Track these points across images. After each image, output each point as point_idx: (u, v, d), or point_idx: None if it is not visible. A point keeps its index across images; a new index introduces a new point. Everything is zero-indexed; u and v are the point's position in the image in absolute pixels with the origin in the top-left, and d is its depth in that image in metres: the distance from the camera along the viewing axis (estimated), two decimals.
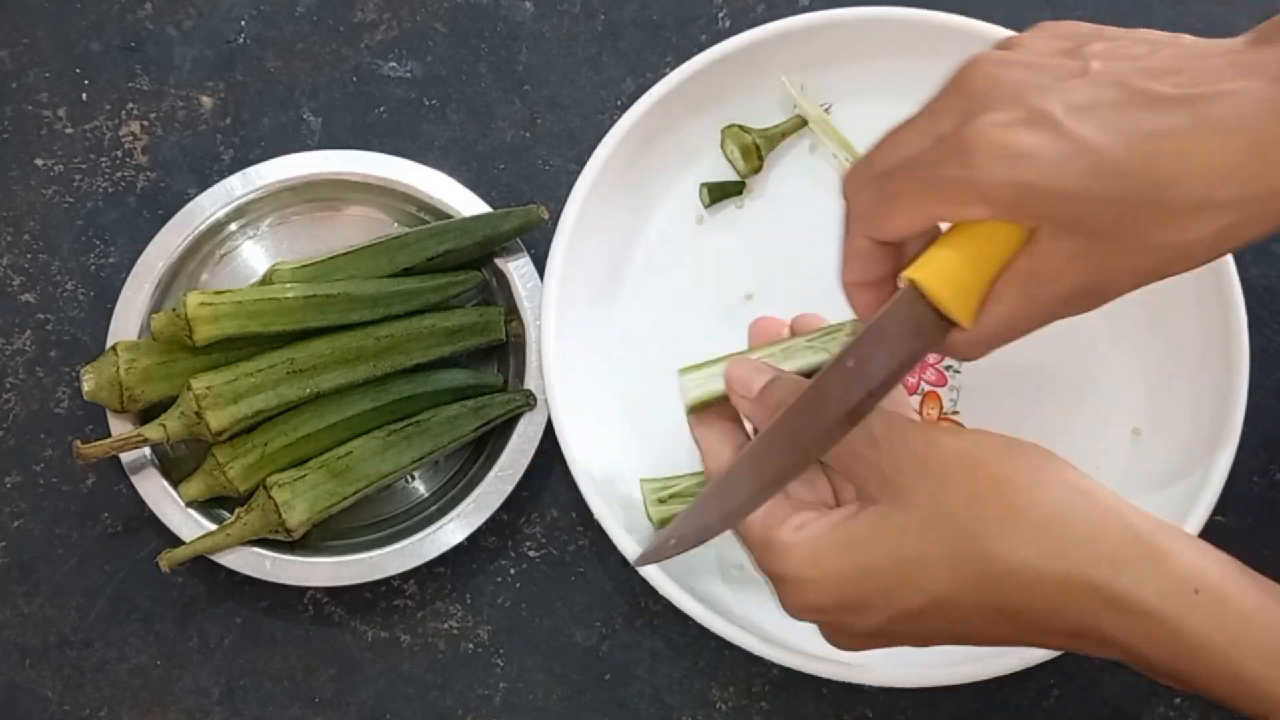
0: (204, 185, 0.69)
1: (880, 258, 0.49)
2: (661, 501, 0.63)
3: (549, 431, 0.64)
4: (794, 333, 0.57)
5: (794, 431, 0.49)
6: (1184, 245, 0.45)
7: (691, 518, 0.51)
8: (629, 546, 0.61)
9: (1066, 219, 0.44)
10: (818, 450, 0.49)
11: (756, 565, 0.51)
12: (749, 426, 0.55)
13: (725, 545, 0.65)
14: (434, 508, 0.66)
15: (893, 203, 0.47)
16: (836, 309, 0.68)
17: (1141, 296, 0.67)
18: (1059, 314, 0.48)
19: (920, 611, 0.47)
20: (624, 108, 0.68)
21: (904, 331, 0.48)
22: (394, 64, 0.73)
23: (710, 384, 0.61)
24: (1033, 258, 0.46)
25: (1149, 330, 0.68)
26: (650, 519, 0.63)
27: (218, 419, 0.62)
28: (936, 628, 0.48)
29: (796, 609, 0.50)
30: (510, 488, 0.64)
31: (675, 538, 0.51)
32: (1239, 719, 0.51)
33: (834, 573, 0.47)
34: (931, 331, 0.48)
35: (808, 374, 0.54)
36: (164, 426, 0.62)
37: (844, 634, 0.50)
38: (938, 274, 0.47)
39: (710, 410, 0.55)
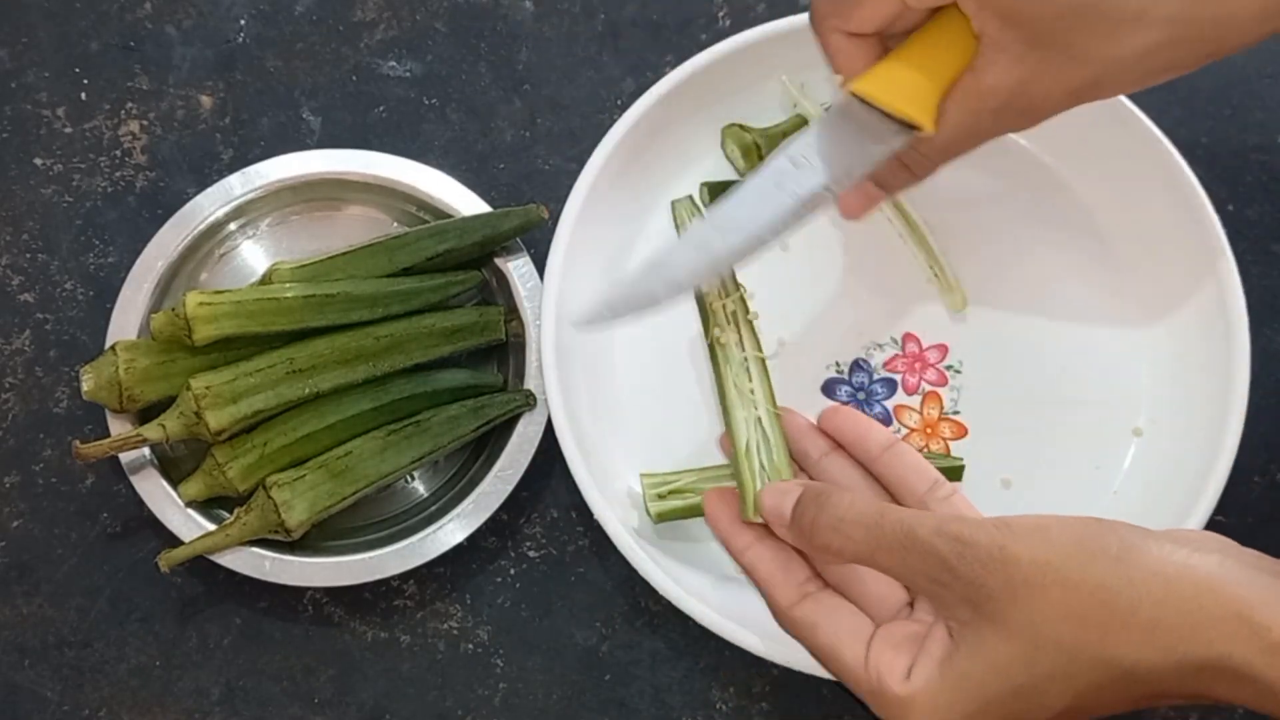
0: (203, 185, 0.69)
1: (863, 52, 0.54)
2: (661, 497, 0.63)
3: (549, 431, 0.64)
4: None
5: (743, 220, 0.54)
6: (1115, 59, 0.49)
7: (636, 284, 0.54)
8: (629, 546, 0.61)
9: (1010, 13, 0.49)
10: (770, 236, 0.54)
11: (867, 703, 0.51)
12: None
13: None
14: (434, 508, 0.66)
15: None
16: (836, 306, 0.69)
17: (1142, 296, 0.68)
18: (993, 128, 0.53)
19: None
20: (624, 108, 0.68)
21: (851, 136, 0.53)
22: (394, 63, 0.73)
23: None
24: (974, 70, 0.51)
25: (1149, 331, 0.68)
26: (649, 514, 0.63)
27: (217, 419, 0.62)
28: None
29: None
30: (510, 488, 0.64)
31: (609, 306, 0.54)
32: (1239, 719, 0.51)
33: (961, 715, 0.47)
34: (885, 136, 0.53)
35: None
36: (163, 426, 0.62)
37: None
38: (883, 83, 0.53)
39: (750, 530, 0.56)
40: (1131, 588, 0.45)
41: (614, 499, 0.63)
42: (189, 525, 0.63)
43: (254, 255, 0.70)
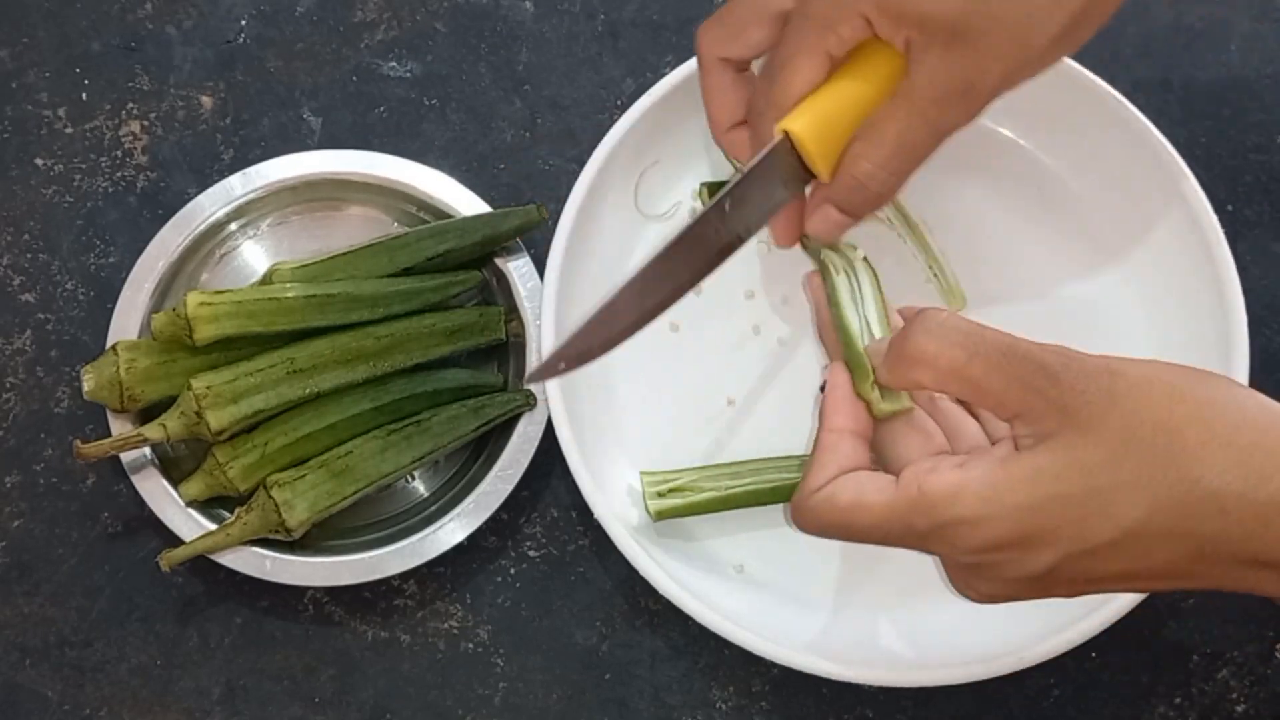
0: (204, 185, 0.69)
1: (741, 87, 0.56)
2: (660, 495, 0.63)
3: (549, 431, 0.64)
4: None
5: (671, 266, 0.52)
6: (1031, 45, 0.51)
7: (575, 342, 0.52)
8: (629, 546, 0.61)
9: (925, 18, 0.50)
10: (691, 283, 0.53)
11: (899, 537, 0.48)
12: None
13: (725, 545, 0.65)
14: (434, 508, 0.66)
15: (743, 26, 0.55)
16: None
17: (1141, 296, 0.68)
18: (938, 120, 0.52)
19: (1104, 545, 0.45)
20: (624, 108, 0.68)
21: (774, 181, 0.54)
22: (394, 64, 0.73)
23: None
24: (908, 77, 0.51)
25: (1148, 331, 0.68)
26: (649, 512, 0.63)
27: (218, 419, 0.62)
28: (1108, 568, 0.46)
29: (970, 549, 0.46)
30: (510, 488, 0.64)
31: (562, 360, 0.52)
32: None
33: (1019, 505, 0.45)
34: (795, 183, 0.54)
35: None
36: (164, 426, 0.62)
37: (1000, 579, 0.47)
38: (810, 125, 0.53)
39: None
40: (1239, 410, 0.44)
41: (614, 499, 0.63)
42: (190, 525, 0.63)
43: (255, 255, 0.70)
